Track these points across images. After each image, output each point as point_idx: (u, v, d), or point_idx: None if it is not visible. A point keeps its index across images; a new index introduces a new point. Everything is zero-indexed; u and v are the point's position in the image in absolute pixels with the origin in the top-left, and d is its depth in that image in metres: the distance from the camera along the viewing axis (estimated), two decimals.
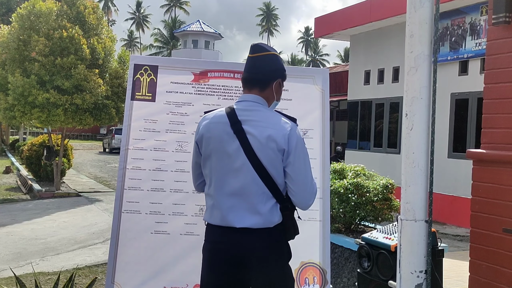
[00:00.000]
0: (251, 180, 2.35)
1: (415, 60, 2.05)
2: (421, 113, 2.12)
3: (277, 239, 2.42)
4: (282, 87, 2.57)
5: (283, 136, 2.35)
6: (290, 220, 2.45)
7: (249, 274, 2.40)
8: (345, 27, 13.70)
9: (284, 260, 2.48)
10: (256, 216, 2.36)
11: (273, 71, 2.50)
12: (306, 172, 2.40)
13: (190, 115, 3.59)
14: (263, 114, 2.42)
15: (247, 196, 2.36)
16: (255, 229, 2.36)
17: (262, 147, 2.34)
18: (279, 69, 2.52)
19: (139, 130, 3.56)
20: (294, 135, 2.38)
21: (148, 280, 3.40)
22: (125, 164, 3.51)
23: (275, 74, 2.50)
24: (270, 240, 2.39)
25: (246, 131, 2.35)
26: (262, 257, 2.38)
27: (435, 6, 1.87)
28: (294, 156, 2.36)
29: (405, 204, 2.25)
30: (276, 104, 2.58)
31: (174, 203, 3.47)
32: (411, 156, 2.08)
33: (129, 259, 3.40)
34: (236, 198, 2.37)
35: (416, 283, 1.95)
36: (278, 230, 2.41)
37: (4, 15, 25.75)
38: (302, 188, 2.40)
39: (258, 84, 2.47)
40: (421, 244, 2.01)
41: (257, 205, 2.36)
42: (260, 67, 2.47)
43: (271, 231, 2.38)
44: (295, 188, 2.39)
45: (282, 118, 2.44)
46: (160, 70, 3.64)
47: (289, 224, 2.45)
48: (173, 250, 3.42)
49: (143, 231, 3.44)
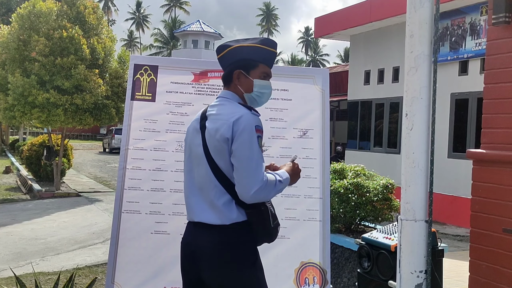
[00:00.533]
0: (205, 173, 2.35)
1: (415, 60, 2.05)
2: (421, 113, 2.12)
3: (232, 239, 2.28)
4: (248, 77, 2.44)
5: (228, 125, 2.28)
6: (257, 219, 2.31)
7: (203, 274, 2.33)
8: (345, 27, 13.70)
9: (242, 263, 2.29)
10: (212, 211, 2.31)
11: (230, 64, 2.46)
12: (249, 160, 2.23)
13: (190, 115, 3.58)
14: (223, 107, 2.39)
15: (205, 191, 2.35)
16: (211, 225, 2.30)
17: (211, 139, 2.33)
18: (237, 60, 2.45)
19: (139, 130, 3.57)
20: (240, 122, 2.27)
21: (148, 280, 3.40)
22: (125, 164, 3.51)
23: (232, 67, 2.45)
24: (222, 238, 2.28)
25: (206, 126, 2.38)
26: (210, 257, 2.29)
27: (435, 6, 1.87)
28: (236, 143, 2.26)
29: (405, 204, 2.25)
30: (250, 96, 2.46)
31: (174, 203, 3.47)
32: (411, 156, 2.08)
33: (129, 259, 3.40)
34: (199, 193, 2.39)
35: (416, 283, 1.95)
36: (236, 229, 2.29)
37: (4, 15, 25.75)
38: (243, 174, 2.23)
39: (224, 81, 2.51)
40: (421, 244, 2.01)
41: (213, 200, 2.31)
42: (223, 65, 2.52)
43: (226, 229, 2.28)
44: (236, 176, 2.26)
45: (238, 108, 2.36)
46: (160, 70, 3.64)
47: (256, 224, 2.31)
48: (173, 250, 3.42)
49: (143, 231, 3.44)
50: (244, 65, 2.45)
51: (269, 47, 2.49)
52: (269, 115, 3.63)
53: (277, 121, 3.65)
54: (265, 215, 2.33)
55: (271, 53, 2.50)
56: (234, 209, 2.30)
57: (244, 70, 2.44)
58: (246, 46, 2.46)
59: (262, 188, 2.22)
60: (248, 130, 2.26)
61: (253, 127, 2.27)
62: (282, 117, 3.65)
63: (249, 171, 2.23)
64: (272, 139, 3.59)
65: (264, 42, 2.49)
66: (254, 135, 2.26)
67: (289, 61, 68.06)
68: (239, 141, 2.25)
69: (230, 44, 2.49)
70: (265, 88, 2.48)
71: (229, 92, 2.46)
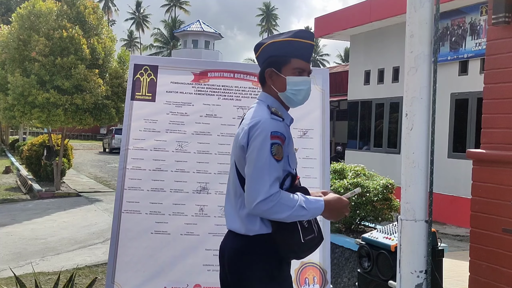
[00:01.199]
0: (233, 182, 2.27)
1: (415, 60, 2.05)
2: (421, 113, 2.12)
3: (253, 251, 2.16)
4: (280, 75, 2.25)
5: (245, 131, 2.15)
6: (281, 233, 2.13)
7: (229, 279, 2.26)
8: (345, 27, 13.70)
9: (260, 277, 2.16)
10: (238, 220, 2.21)
11: (262, 64, 2.32)
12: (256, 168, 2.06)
13: (190, 115, 3.59)
14: (250, 111, 2.27)
15: (233, 199, 2.27)
16: (237, 234, 2.21)
17: (234, 145, 2.26)
18: (266, 58, 2.29)
19: (139, 130, 3.57)
20: (255, 128, 2.11)
21: (148, 280, 3.40)
22: (125, 164, 3.51)
23: (264, 66, 2.31)
24: (243, 249, 2.18)
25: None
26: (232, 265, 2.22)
27: (435, 6, 1.87)
28: (248, 150, 2.12)
29: (405, 204, 2.25)
30: (285, 95, 2.27)
31: (174, 203, 3.47)
32: (411, 156, 2.08)
33: (129, 259, 3.40)
34: (230, 201, 2.31)
35: (416, 283, 1.95)
36: (258, 241, 2.15)
37: (4, 15, 25.76)
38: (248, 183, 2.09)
39: (259, 82, 2.38)
40: (421, 244, 2.01)
41: (238, 210, 2.21)
42: (259, 65, 2.37)
43: (249, 240, 2.17)
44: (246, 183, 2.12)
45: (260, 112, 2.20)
46: (160, 70, 3.64)
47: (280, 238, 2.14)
48: (173, 250, 3.42)
49: (143, 231, 3.44)
50: (275, 62, 2.27)
51: (302, 39, 2.27)
52: None
53: None
54: (292, 229, 2.14)
55: (306, 46, 2.27)
56: (257, 221, 2.15)
57: (275, 68, 2.26)
58: (277, 41, 2.28)
59: (268, 201, 2.04)
60: (261, 137, 2.09)
61: (267, 134, 2.09)
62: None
63: (255, 180, 2.07)
64: None
65: (297, 35, 2.27)
66: (267, 142, 2.08)
67: None
68: (251, 148, 2.11)
69: (264, 42, 2.34)
70: (300, 84, 2.26)
71: (263, 93, 2.32)
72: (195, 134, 3.59)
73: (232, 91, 3.65)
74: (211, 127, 3.61)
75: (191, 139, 3.59)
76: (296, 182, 2.26)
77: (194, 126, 3.60)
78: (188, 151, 3.56)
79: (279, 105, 2.28)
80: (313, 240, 2.21)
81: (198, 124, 3.61)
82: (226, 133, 3.58)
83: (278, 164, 2.09)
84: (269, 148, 2.08)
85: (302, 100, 2.32)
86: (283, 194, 2.08)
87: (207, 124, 3.61)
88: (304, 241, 2.16)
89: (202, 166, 3.56)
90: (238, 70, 3.67)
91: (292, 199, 2.08)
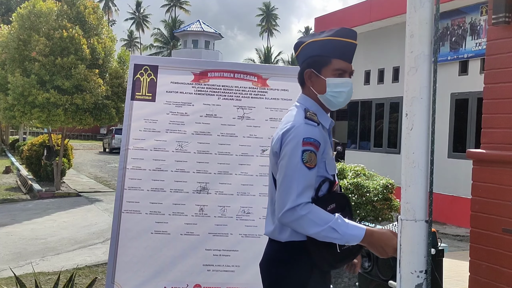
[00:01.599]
0: (270, 186, 2.19)
1: (415, 60, 2.05)
2: (421, 113, 2.12)
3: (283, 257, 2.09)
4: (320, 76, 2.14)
5: (278, 137, 2.08)
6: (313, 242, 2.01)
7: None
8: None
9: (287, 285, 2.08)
10: (273, 225, 2.13)
11: (301, 64, 2.21)
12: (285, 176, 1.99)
13: (190, 115, 3.59)
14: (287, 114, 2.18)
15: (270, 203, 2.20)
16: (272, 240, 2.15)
17: (270, 150, 2.19)
18: (306, 59, 2.18)
19: (139, 130, 3.57)
20: (287, 134, 2.04)
21: (148, 280, 3.40)
22: (125, 164, 3.51)
23: (303, 66, 2.19)
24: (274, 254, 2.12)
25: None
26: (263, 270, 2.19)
27: (435, 6, 1.87)
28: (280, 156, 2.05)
29: (405, 204, 2.25)
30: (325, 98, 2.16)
31: (174, 203, 3.47)
32: (411, 156, 2.07)
33: (129, 259, 3.40)
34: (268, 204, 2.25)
35: (416, 283, 1.95)
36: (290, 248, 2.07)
37: (4, 15, 25.76)
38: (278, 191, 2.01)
39: (299, 83, 2.26)
40: (421, 244, 2.01)
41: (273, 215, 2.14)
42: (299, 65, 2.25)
43: (280, 245, 2.09)
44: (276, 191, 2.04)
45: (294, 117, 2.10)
46: (160, 70, 3.64)
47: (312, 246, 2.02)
48: (173, 250, 3.42)
49: (143, 231, 3.44)
50: (314, 63, 2.15)
51: (344, 38, 2.14)
52: (269, 115, 3.63)
53: (277, 121, 3.65)
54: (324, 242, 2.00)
55: (348, 45, 2.16)
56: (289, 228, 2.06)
57: (315, 69, 2.15)
58: (317, 40, 2.16)
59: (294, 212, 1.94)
60: (292, 143, 2.00)
61: (299, 140, 1.99)
62: (282, 117, 3.65)
63: (283, 188, 1.98)
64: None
65: (338, 33, 2.15)
66: (298, 149, 1.98)
67: (289, 61, 68.02)
68: (282, 154, 2.02)
69: (304, 40, 2.21)
70: (341, 86, 2.15)
71: (302, 96, 2.22)
72: (195, 134, 3.59)
73: (232, 91, 3.65)
74: (211, 127, 3.61)
75: (191, 139, 3.59)
76: (334, 188, 2.15)
77: (194, 126, 3.60)
78: (188, 151, 3.56)
79: (318, 108, 2.17)
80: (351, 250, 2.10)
81: (198, 124, 3.61)
82: (226, 133, 3.58)
83: (309, 172, 1.99)
84: (300, 155, 1.98)
85: (343, 102, 2.20)
86: (313, 209, 1.96)
87: (207, 124, 3.61)
88: (341, 251, 2.06)
89: (202, 166, 3.56)
90: (238, 70, 3.67)
91: (324, 218, 1.96)
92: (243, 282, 3.38)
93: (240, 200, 3.53)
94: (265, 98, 3.64)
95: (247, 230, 3.48)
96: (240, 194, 3.52)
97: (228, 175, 3.55)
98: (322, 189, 2.09)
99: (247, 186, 3.52)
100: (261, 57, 66.29)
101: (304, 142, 2.00)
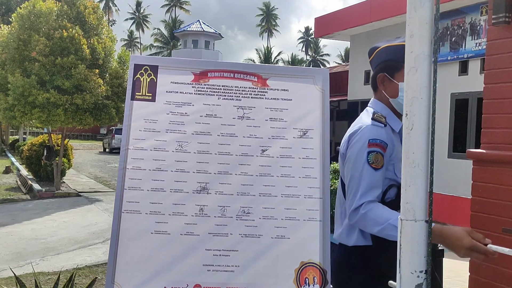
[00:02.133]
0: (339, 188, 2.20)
1: (415, 60, 2.05)
2: (421, 113, 2.12)
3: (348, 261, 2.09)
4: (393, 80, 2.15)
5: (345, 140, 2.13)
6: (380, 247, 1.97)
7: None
8: (345, 27, 13.71)
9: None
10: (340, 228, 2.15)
11: (374, 68, 2.24)
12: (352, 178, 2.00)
13: (190, 115, 3.58)
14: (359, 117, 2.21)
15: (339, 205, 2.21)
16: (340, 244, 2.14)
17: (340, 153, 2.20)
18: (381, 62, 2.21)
19: (139, 130, 3.56)
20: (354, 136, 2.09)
21: (148, 280, 3.39)
22: (125, 164, 3.50)
23: (376, 71, 2.23)
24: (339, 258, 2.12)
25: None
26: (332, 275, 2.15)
27: (435, 6, 1.87)
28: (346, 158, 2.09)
29: (405, 204, 2.25)
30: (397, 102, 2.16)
31: (174, 203, 3.47)
32: (411, 156, 2.07)
33: (129, 259, 3.40)
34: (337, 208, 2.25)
35: (416, 283, 1.95)
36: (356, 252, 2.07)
37: (4, 15, 25.76)
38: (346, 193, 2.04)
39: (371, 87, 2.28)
40: (421, 244, 2.01)
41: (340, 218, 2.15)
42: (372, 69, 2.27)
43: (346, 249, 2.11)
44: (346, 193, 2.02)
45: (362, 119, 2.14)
46: (160, 70, 3.64)
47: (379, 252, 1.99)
48: (173, 250, 3.42)
49: (143, 231, 3.43)
50: (388, 68, 2.19)
51: None
52: (269, 115, 3.63)
53: (277, 121, 3.65)
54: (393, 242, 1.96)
55: None
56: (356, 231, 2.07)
57: (388, 73, 2.19)
58: (392, 46, 2.21)
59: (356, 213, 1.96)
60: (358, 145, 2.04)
61: (365, 142, 2.02)
62: (282, 117, 3.64)
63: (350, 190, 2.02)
64: (272, 139, 3.59)
65: None
66: (363, 150, 2.01)
67: (289, 61, 68.06)
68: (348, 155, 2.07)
69: (378, 45, 2.26)
70: None
71: (374, 100, 2.26)
72: (195, 134, 3.58)
73: (232, 91, 3.65)
74: (211, 127, 3.61)
75: (191, 139, 3.59)
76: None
77: (194, 126, 3.60)
78: (188, 151, 3.56)
79: (389, 112, 2.19)
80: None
81: (198, 124, 3.60)
82: (226, 133, 3.58)
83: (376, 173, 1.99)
84: (366, 156, 2.00)
85: None
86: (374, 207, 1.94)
87: (207, 124, 3.60)
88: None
89: (202, 166, 3.56)
90: (238, 70, 3.66)
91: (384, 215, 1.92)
92: (243, 282, 3.38)
93: (240, 200, 3.53)
94: (265, 98, 3.64)
95: (247, 230, 3.47)
96: (240, 194, 3.51)
97: (228, 175, 3.54)
98: (390, 193, 2.06)
99: (247, 186, 3.52)
100: (261, 57, 66.30)
101: (370, 143, 2.02)
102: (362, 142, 2.02)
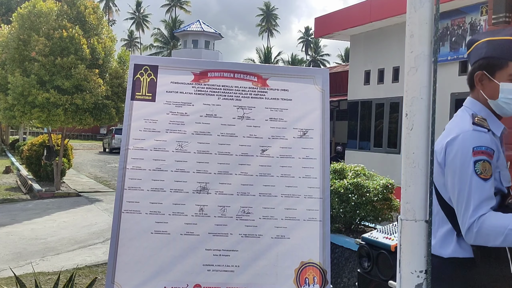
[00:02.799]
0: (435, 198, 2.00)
1: (415, 60, 2.05)
2: (421, 113, 2.12)
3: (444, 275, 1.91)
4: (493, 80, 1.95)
5: (441, 147, 1.92)
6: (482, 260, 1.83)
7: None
8: (345, 27, 13.70)
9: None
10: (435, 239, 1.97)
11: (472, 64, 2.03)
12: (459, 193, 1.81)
13: (190, 115, 3.58)
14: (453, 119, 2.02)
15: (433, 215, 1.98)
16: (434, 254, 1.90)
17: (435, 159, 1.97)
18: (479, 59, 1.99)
19: (139, 130, 3.56)
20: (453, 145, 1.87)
21: (148, 280, 3.39)
22: (125, 164, 3.50)
23: (474, 67, 2.01)
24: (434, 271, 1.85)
25: None
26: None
27: (435, 6, 1.87)
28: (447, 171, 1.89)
29: (405, 204, 2.25)
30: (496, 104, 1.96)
31: (174, 203, 3.47)
32: (411, 156, 2.07)
33: (129, 259, 3.40)
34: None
35: (416, 283, 1.95)
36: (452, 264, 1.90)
37: (4, 15, 25.77)
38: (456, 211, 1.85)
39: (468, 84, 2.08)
40: (421, 244, 2.01)
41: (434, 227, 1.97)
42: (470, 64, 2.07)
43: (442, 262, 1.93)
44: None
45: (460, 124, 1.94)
46: (160, 70, 3.64)
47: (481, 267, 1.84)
48: (173, 250, 3.42)
49: (143, 231, 3.43)
50: (488, 65, 1.96)
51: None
52: (269, 115, 3.63)
53: (277, 121, 3.65)
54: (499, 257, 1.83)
55: None
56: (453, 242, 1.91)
57: (488, 71, 1.96)
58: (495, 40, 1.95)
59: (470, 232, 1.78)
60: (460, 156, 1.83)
61: (468, 151, 1.82)
62: (282, 117, 3.65)
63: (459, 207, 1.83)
64: (272, 139, 3.59)
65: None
66: (468, 161, 1.82)
67: (289, 61, 68.06)
68: (449, 169, 1.86)
69: (477, 38, 2.02)
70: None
71: (469, 100, 2.04)
72: (195, 134, 3.58)
73: (232, 91, 3.65)
74: (211, 127, 3.61)
75: (191, 139, 3.59)
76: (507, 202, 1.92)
77: (194, 126, 3.60)
78: (188, 151, 3.56)
79: (488, 113, 1.99)
80: None
81: (198, 124, 3.61)
82: (226, 133, 3.58)
83: (486, 184, 1.81)
84: (472, 167, 1.81)
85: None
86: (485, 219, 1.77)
87: (207, 124, 3.61)
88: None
89: (202, 166, 3.56)
90: (238, 70, 3.66)
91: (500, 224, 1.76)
92: (243, 282, 3.38)
93: (240, 200, 3.53)
94: (265, 98, 3.64)
95: (247, 230, 3.48)
96: (240, 194, 3.52)
97: (228, 175, 3.54)
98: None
99: (247, 186, 3.52)
100: (261, 57, 66.31)
101: (475, 151, 1.83)
102: (465, 151, 1.83)
